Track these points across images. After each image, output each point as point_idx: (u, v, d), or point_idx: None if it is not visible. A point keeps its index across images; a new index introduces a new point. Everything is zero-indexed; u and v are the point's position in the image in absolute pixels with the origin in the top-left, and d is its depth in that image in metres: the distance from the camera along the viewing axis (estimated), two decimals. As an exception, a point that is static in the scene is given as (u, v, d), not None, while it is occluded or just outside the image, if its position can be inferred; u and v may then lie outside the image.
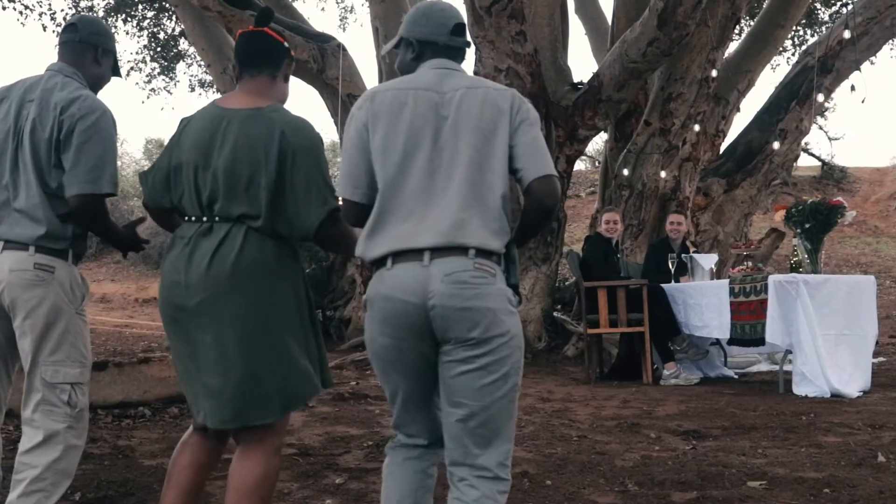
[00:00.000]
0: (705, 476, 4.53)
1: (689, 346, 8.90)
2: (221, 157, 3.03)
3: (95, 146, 3.37)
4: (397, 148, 2.80)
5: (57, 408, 3.35)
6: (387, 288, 2.73)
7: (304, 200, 3.01)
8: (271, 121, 3.06)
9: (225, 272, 2.96)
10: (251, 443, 3.03)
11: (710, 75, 11.96)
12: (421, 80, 2.90)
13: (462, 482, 2.72)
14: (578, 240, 17.43)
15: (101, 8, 18.47)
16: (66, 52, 3.62)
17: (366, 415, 6.60)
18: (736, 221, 12.91)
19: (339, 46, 13.06)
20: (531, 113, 2.88)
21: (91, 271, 22.90)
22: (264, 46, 3.26)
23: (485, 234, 2.73)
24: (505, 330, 2.70)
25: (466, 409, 2.70)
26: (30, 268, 3.33)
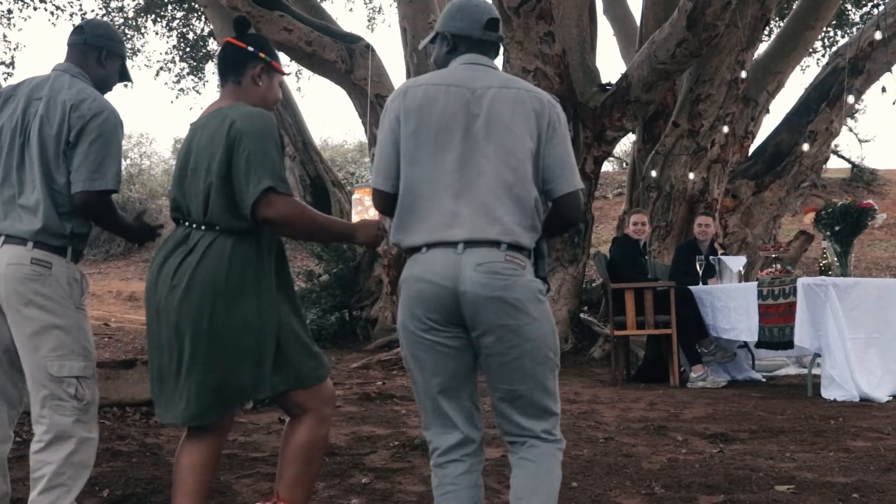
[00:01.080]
0: (733, 480, 4.50)
1: (716, 348, 8.85)
2: (191, 161, 3.18)
3: (102, 145, 3.43)
4: (428, 142, 2.88)
5: (65, 402, 3.38)
6: (420, 270, 2.86)
7: (243, 181, 3.08)
8: (225, 115, 3.16)
9: (182, 289, 3.07)
10: (297, 414, 3.27)
11: (740, 76, 11.89)
12: (453, 76, 2.97)
13: (524, 444, 2.90)
14: (606, 241, 17.38)
15: (130, 8, 18.60)
16: (73, 54, 3.68)
17: (392, 415, 6.61)
18: (764, 224, 12.83)
19: (368, 47, 13.09)
20: (562, 120, 2.97)
21: (119, 269, 23.02)
22: (227, 56, 3.40)
23: (516, 230, 2.84)
24: (533, 318, 2.82)
25: (507, 390, 2.87)
26: (27, 262, 3.37)
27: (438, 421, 2.95)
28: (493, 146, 2.86)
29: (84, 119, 3.40)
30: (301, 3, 14.29)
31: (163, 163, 29.70)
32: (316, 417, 3.26)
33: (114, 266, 23.40)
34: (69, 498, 3.34)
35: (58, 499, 3.31)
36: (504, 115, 2.88)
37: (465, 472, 2.93)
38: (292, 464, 3.23)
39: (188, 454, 3.19)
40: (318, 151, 18.20)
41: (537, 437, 2.89)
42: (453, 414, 2.93)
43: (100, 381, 6.08)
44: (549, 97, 2.99)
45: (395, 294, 12.65)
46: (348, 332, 13.14)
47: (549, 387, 2.89)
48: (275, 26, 12.54)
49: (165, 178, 27.98)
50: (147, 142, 29.86)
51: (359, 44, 13.15)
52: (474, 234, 2.80)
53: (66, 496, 3.33)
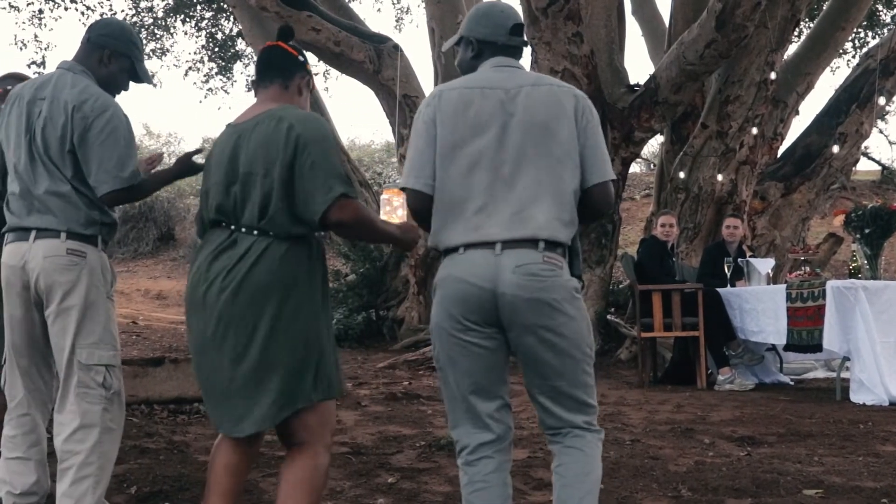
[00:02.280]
0: (760, 483, 4.48)
1: (744, 351, 8.80)
2: (242, 165, 3.10)
3: (115, 143, 3.47)
4: (465, 144, 2.91)
5: (92, 390, 3.43)
6: (459, 271, 2.88)
7: (310, 188, 3.04)
8: (280, 118, 3.11)
9: (231, 292, 3.02)
10: (299, 443, 3.09)
11: (769, 78, 11.81)
12: (487, 79, 3.01)
13: (567, 434, 2.94)
14: (633, 242, 17.31)
15: (160, 9, 18.69)
16: (79, 51, 3.73)
17: (418, 415, 6.61)
18: (793, 226, 12.74)
19: (396, 47, 13.11)
20: (594, 114, 3.01)
21: (147, 268, 23.15)
22: (277, 59, 3.34)
23: (554, 227, 2.87)
24: (570, 316, 2.86)
25: (547, 387, 2.91)
26: (63, 253, 3.43)
27: (469, 420, 2.96)
28: (531, 144, 2.89)
29: (87, 120, 3.44)
30: (329, 4, 14.31)
31: (191, 163, 29.80)
32: (321, 445, 3.11)
33: (142, 264, 23.54)
34: (98, 491, 3.37)
35: (87, 492, 3.34)
36: (539, 112, 2.91)
37: (495, 469, 2.94)
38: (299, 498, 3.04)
39: (225, 454, 3.16)
40: (345, 151, 18.21)
41: (579, 428, 2.93)
42: (484, 413, 2.94)
43: (128, 379, 6.13)
44: (579, 93, 3.02)
45: (422, 294, 12.71)
46: (375, 332, 13.16)
47: (586, 381, 2.94)
48: (303, 26, 12.57)
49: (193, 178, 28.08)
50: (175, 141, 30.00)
51: (387, 44, 13.17)
52: (512, 234, 2.84)
53: (95, 488, 3.36)
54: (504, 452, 2.98)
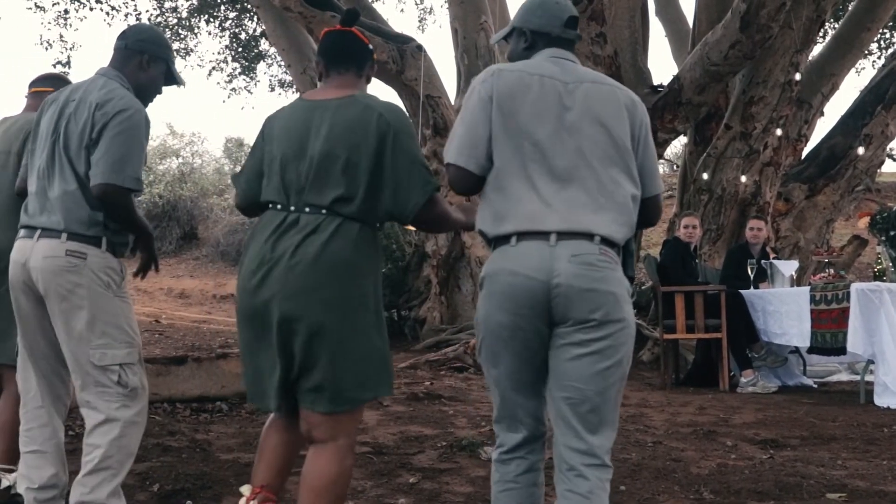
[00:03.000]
0: (783, 486, 4.45)
1: (767, 353, 8.76)
2: (318, 144, 3.04)
3: (124, 141, 3.45)
4: (519, 129, 2.83)
5: (110, 388, 3.42)
6: (511, 264, 2.77)
7: (406, 182, 3.01)
8: (367, 105, 3.07)
9: (305, 266, 2.95)
10: (324, 442, 3.03)
11: (794, 79, 11.75)
12: (545, 68, 2.92)
13: (571, 472, 2.74)
14: (655, 244, 17.26)
15: (184, 9, 18.77)
16: (115, 58, 3.72)
17: (440, 415, 6.61)
18: (817, 228, 12.66)
19: (419, 47, 13.10)
20: (647, 121, 2.96)
21: (170, 267, 23.25)
22: (353, 46, 3.28)
23: (610, 226, 2.79)
24: (623, 316, 2.76)
25: (579, 393, 2.74)
26: (61, 254, 3.41)
27: (507, 418, 2.91)
28: (587, 141, 2.81)
29: (107, 116, 3.44)
30: (353, 3, 14.33)
31: (214, 162, 29.91)
32: (347, 444, 3.07)
33: (164, 263, 23.64)
34: (115, 482, 3.38)
35: (103, 481, 3.35)
36: (599, 111, 2.84)
37: (527, 470, 2.88)
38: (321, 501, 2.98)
39: (277, 431, 3.16)
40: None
41: (590, 463, 2.73)
42: (523, 411, 2.87)
43: (151, 378, 6.14)
44: (639, 100, 2.97)
45: (444, 294, 12.72)
46: (397, 332, 13.16)
47: (615, 397, 2.79)
48: (326, 27, 12.57)
49: (217, 177, 28.16)
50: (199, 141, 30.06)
51: (410, 44, 13.17)
52: (568, 226, 2.74)
53: (111, 480, 3.37)
54: (537, 452, 2.91)
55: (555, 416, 2.81)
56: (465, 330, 11.66)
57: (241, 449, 5.20)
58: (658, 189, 2.97)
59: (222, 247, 24.16)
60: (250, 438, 5.48)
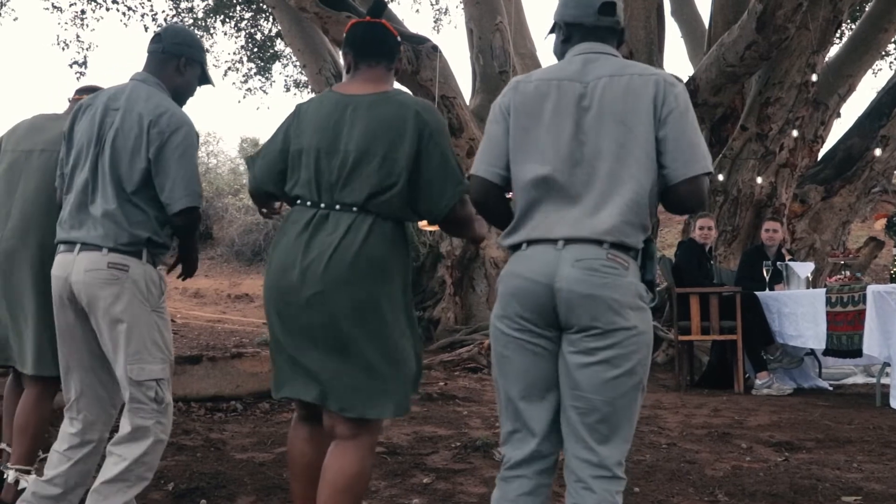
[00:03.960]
0: (798, 489, 4.44)
1: (782, 355, 8.73)
2: (353, 140, 3.02)
3: (187, 162, 3.47)
4: (537, 140, 2.78)
5: (145, 405, 3.42)
6: (518, 267, 2.73)
7: (439, 180, 3.01)
8: (402, 102, 3.06)
9: (345, 265, 2.94)
10: (347, 440, 3.01)
11: (810, 80, 11.71)
12: (565, 70, 2.83)
13: (579, 483, 2.64)
14: (671, 245, 17.22)
15: (200, 9, 18.83)
16: (151, 62, 3.69)
17: (454, 416, 6.62)
18: (833, 229, 12.61)
19: (434, 48, 13.10)
20: (679, 100, 2.73)
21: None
22: (384, 38, 3.26)
23: (623, 229, 2.68)
24: (631, 324, 2.64)
25: (587, 402, 2.64)
26: (104, 267, 3.39)
27: (514, 431, 2.77)
28: (605, 141, 2.71)
29: (163, 135, 3.42)
30: (368, 5, 14.34)
31: (229, 162, 30.05)
32: (369, 443, 3.06)
33: (180, 263, 23.69)
34: (130, 493, 3.38)
35: (118, 491, 3.35)
36: (616, 107, 2.72)
37: (530, 492, 2.72)
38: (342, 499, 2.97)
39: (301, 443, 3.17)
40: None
41: (599, 475, 2.63)
42: (533, 421, 2.73)
43: (166, 377, 6.19)
44: (665, 77, 2.77)
45: (459, 295, 12.71)
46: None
47: (627, 408, 2.67)
48: (342, 27, 12.58)
49: (232, 177, 28.27)
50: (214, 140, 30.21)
51: (425, 45, 13.16)
52: (577, 232, 2.66)
53: (127, 491, 3.37)
54: (544, 475, 2.76)
55: (565, 425, 2.72)
56: (479, 330, 11.66)
57: (256, 448, 5.22)
58: (696, 170, 2.68)
59: (237, 247, 24.24)
60: (265, 438, 5.50)
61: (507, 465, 2.78)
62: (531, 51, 15.09)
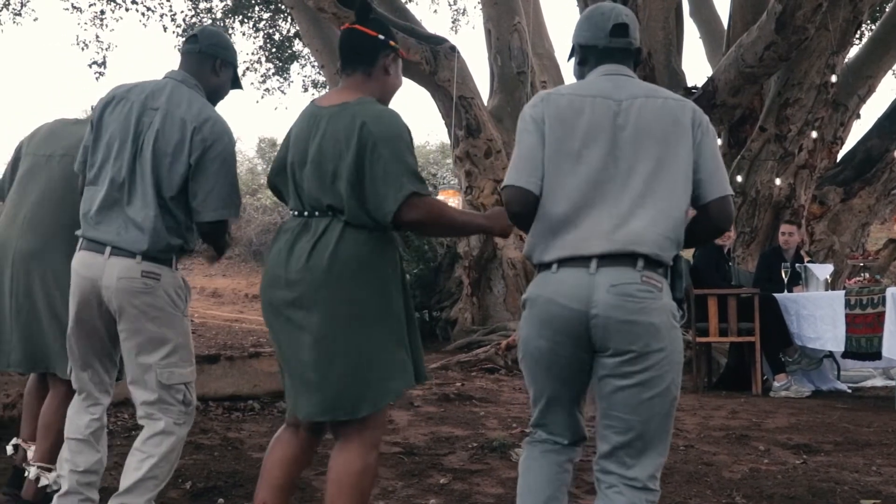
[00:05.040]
0: (816, 492, 4.42)
1: (800, 357, 8.69)
2: (314, 152, 3.07)
3: (228, 172, 3.47)
4: (571, 154, 2.79)
5: (174, 406, 3.45)
6: (550, 291, 2.76)
7: (381, 187, 2.99)
8: (354, 114, 3.06)
9: (321, 267, 2.97)
10: (348, 437, 3.04)
11: (829, 81, 11.66)
12: (596, 87, 2.87)
13: (611, 489, 2.74)
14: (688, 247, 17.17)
15: (219, 10, 18.88)
16: (187, 62, 3.68)
17: (471, 416, 6.61)
18: (853, 231, 12.55)
19: (452, 48, 13.11)
20: (710, 127, 2.87)
21: (203, 266, 23.39)
22: (357, 44, 3.26)
23: (657, 244, 2.72)
24: (665, 345, 2.69)
25: (624, 423, 2.72)
26: (137, 276, 3.39)
27: (545, 425, 2.93)
28: (644, 159, 2.75)
29: (206, 143, 3.41)
30: (386, 5, 14.36)
31: (247, 162, 30.08)
32: (371, 441, 3.07)
33: (198, 262, 23.77)
34: (155, 492, 3.43)
35: (145, 489, 3.39)
36: (654, 127, 2.77)
37: (554, 451, 2.91)
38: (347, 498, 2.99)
39: (281, 447, 3.15)
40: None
41: (631, 485, 2.72)
42: (561, 426, 2.91)
43: (184, 376, 6.19)
44: (695, 106, 2.88)
45: (476, 296, 12.72)
46: (428, 333, 13.17)
47: (662, 424, 2.74)
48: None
49: (250, 177, 28.32)
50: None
51: (443, 45, 13.18)
52: (610, 247, 2.69)
53: (153, 489, 3.41)
54: (570, 451, 2.95)
55: (600, 437, 2.80)
56: (496, 331, 11.66)
57: (273, 448, 5.22)
58: (724, 190, 2.82)
59: (255, 246, 24.31)
60: (282, 437, 5.50)
61: (537, 440, 2.95)
62: (549, 51, 15.09)
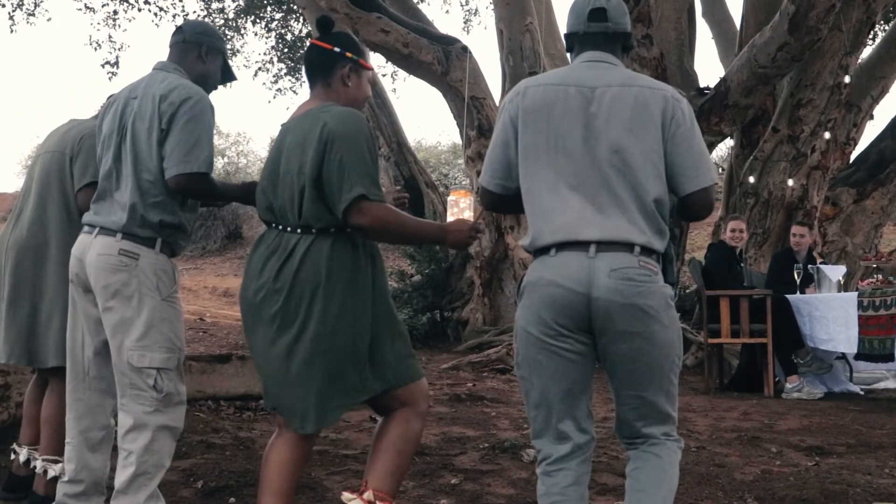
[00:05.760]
0: (828, 494, 4.40)
1: (813, 359, 8.66)
2: (282, 163, 3.17)
3: (192, 129, 3.47)
4: (549, 143, 2.85)
5: (144, 392, 3.43)
6: (550, 273, 2.80)
7: (336, 186, 3.06)
8: (317, 117, 3.15)
9: (286, 292, 3.07)
10: (393, 409, 3.24)
11: (843, 81, 11.62)
12: (573, 76, 2.92)
13: (645, 442, 2.91)
14: (700, 247, 17.15)
15: (231, 10, 18.93)
16: (174, 53, 3.77)
17: (482, 417, 6.61)
18: (865, 232, 12.50)
19: (464, 49, 13.11)
20: (686, 115, 2.88)
21: (215, 266, 23.45)
22: (313, 58, 3.37)
23: (647, 233, 2.79)
24: (664, 325, 2.80)
25: (633, 396, 2.86)
26: (114, 253, 3.45)
27: (551, 430, 2.90)
28: (614, 148, 2.79)
29: (174, 106, 3.46)
30: (398, 5, 14.38)
31: (259, 161, 30.17)
32: (413, 412, 3.23)
33: (209, 262, 23.85)
34: (151, 485, 3.41)
35: (140, 486, 3.38)
36: (624, 116, 2.81)
37: (573, 483, 2.87)
38: (386, 454, 3.17)
39: (278, 452, 3.18)
40: (412, 152, 18.31)
41: (655, 441, 2.90)
42: (567, 423, 2.89)
43: (195, 375, 6.21)
44: (672, 92, 2.90)
45: (487, 296, 12.70)
46: (439, 333, 13.18)
47: (671, 392, 2.91)
48: (372, 28, 12.65)
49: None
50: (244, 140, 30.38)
51: (455, 45, 13.19)
52: (606, 235, 2.76)
53: (147, 483, 3.40)
54: (583, 464, 2.91)
55: (617, 417, 2.95)
56: (507, 332, 11.64)
57: (284, 448, 5.23)
58: (703, 183, 2.86)
59: (267, 246, 24.25)
60: (293, 437, 5.50)
61: (549, 461, 2.91)
62: (561, 52, 15.06)
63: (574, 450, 2.88)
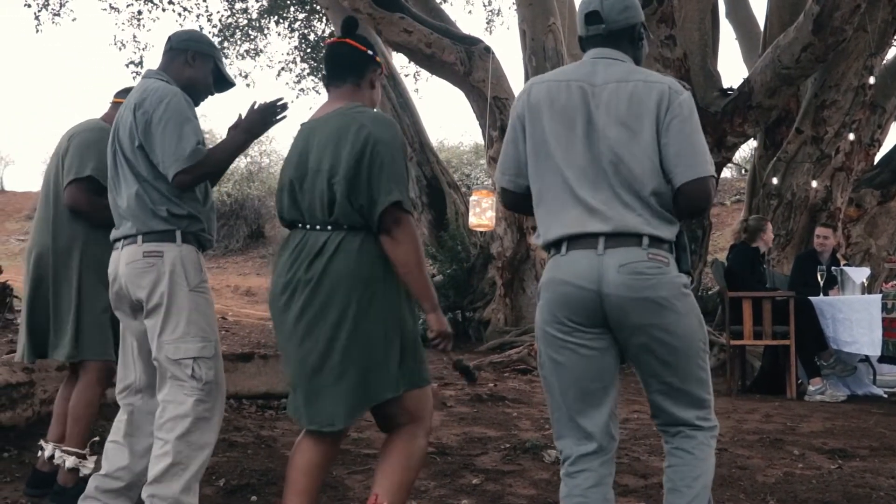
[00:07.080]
0: (851, 497, 4.39)
1: (836, 361, 8.61)
2: (311, 161, 3.16)
3: (172, 128, 3.50)
4: (553, 139, 2.89)
5: (185, 382, 3.49)
6: (562, 273, 2.85)
7: (374, 188, 3.07)
8: (353, 117, 3.16)
9: (314, 287, 3.07)
10: (397, 426, 3.21)
11: (867, 82, 11.54)
12: (576, 72, 2.97)
13: (678, 434, 2.94)
14: (722, 248, 17.07)
15: (254, 10, 18.99)
16: (162, 61, 3.83)
17: (503, 417, 6.61)
18: (890, 234, 12.42)
19: (487, 49, 13.10)
20: (684, 107, 2.85)
21: (237, 265, 23.54)
22: (347, 56, 3.36)
23: (653, 224, 2.81)
24: (681, 314, 2.82)
25: (661, 384, 2.90)
26: (139, 257, 3.53)
27: (573, 431, 2.91)
28: (611, 143, 2.82)
29: (147, 114, 3.52)
30: (421, 6, 14.38)
31: (281, 161, 30.20)
32: (419, 427, 3.22)
33: (232, 261, 23.94)
34: (185, 476, 3.42)
35: (174, 476, 3.40)
36: (621, 111, 2.84)
37: (596, 484, 2.87)
38: (396, 468, 3.16)
39: (303, 454, 3.19)
40: (434, 153, 18.28)
41: (692, 426, 2.93)
42: (590, 422, 2.89)
43: (217, 374, 6.21)
44: (670, 84, 2.89)
45: (509, 296, 12.70)
46: (461, 333, 13.16)
47: (701, 377, 2.93)
48: (395, 28, 12.65)
49: (283, 176, 28.40)
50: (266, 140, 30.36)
51: (478, 46, 13.17)
52: (613, 228, 2.78)
53: (181, 474, 3.41)
54: (606, 465, 2.91)
55: (651, 404, 2.99)
56: (529, 332, 11.63)
57: (306, 446, 5.24)
58: (698, 173, 2.80)
59: (288, 246, 24.30)
60: (315, 436, 5.52)
61: (570, 462, 2.91)
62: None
63: (596, 450, 2.88)
